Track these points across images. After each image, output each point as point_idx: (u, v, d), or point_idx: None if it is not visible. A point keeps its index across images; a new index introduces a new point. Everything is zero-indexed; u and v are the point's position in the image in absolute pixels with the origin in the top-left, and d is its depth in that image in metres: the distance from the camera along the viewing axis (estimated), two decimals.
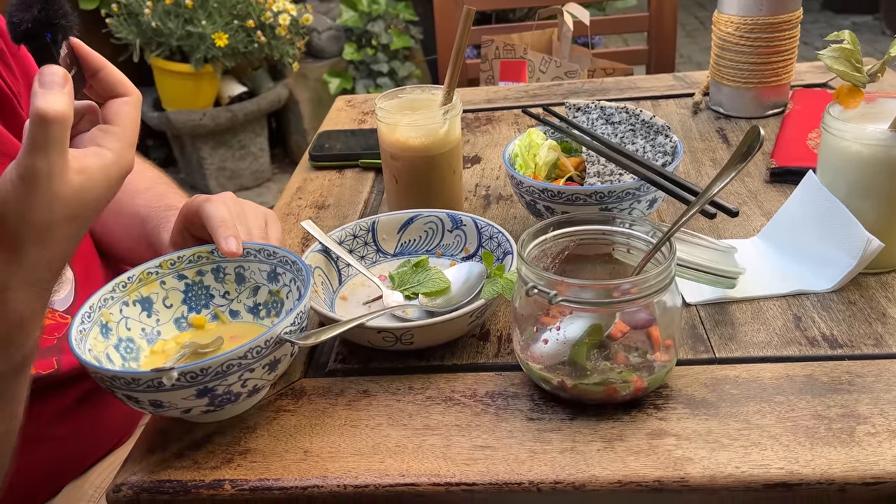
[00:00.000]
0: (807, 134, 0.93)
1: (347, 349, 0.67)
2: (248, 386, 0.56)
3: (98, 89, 0.56)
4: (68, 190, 0.51)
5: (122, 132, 0.55)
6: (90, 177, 0.52)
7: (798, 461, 0.51)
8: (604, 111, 0.83)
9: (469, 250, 0.74)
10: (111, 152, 0.54)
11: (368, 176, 1.00)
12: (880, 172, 0.66)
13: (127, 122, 0.55)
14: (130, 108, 0.56)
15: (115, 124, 0.55)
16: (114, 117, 0.55)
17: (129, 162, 0.55)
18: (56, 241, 0.52)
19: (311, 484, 0.54)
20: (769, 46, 1.00)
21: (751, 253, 0.74)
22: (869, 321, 0.64)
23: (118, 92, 0.56)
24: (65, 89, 0.50)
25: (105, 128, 0.55)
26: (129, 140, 0.55)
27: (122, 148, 0.54)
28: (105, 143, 0.54)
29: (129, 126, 0.56)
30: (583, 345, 0.56)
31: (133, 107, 0.56)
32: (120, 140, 0.55)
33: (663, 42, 1.62)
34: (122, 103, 0.56)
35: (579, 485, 0.52)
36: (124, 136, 0.55)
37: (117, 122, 0.55)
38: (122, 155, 0.54)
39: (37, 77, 0.50)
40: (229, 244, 0.63)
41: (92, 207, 0.53)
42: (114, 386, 0.54)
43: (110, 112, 0.56)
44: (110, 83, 0.56)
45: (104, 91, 0.56)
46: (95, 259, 0.87)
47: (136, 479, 0.55)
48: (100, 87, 0.56)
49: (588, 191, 0.71)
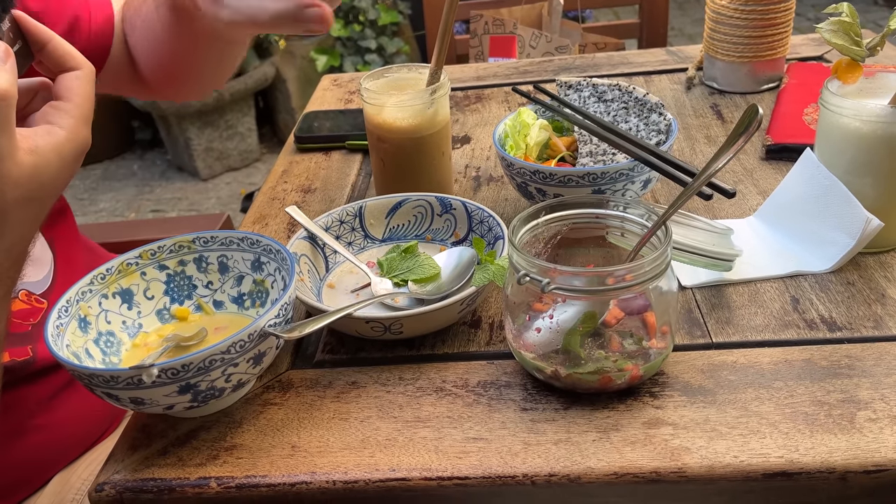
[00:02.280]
0: (803, 109, 0.91)
1: (336, 339, 0.65)
2: (232, 380, 0.54)
3: (47, 64, 0.54)
4: (19, 171, 0.48)
5: (73, 108, 0.52)
6: (42, 156, 0.50)
7: (798, 449, 0.50)
8: (596, 89, 0.81)
9: (459, 235, 0.73)
10: (64, 130, 0.51)
11: (356, 158, 0.98)
12: (880, 150, 0.64)
13: (79, 96, 0.53)
14: (82, 81, 0.53)
15: (67, 100, 0.52)
16: (65, 92, 0.53)
17: (83, 138, 0.52)
18: (12, 226, 0.50)
19: (300, 480, 0.52)
20: (764, 19, 0.97)
21: (747, 233, 0.72)
22: (868, 302, 0.63)
23: (68, 66, 0.53)
24: (6, 65, 0.48)
25: (56, 104, 0.52)
26: (83, 115, 0.53)
27: (76, 124, 0.52)
28: (57, 119, 0.51)
29: (82, 101, 0.53)
30: (576, 333, 0.55)
31: (85, 80, 0.53)
32: (72, 116, 0.52)
33: (655, 15, 1.59)
34: (74, 77, 0.53)
35: (574, 477, 0.50)
36: (77, 111, 0.52)
37: (69, 98, 0.52)
38: (76, 132, 0.52)
39: None
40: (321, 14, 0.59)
41: (48, 188, 0.51)
42: (92, 384, 0.52)
43: (61, 87, 0.53)
44: (59, 57, 0.53)
45: (53, 65, 0.53)
46: (77, 240, 0.85)
47: (118, 477, 0.54)
48: (49, 62, 0.53)
49: (580, 172, 0.69)
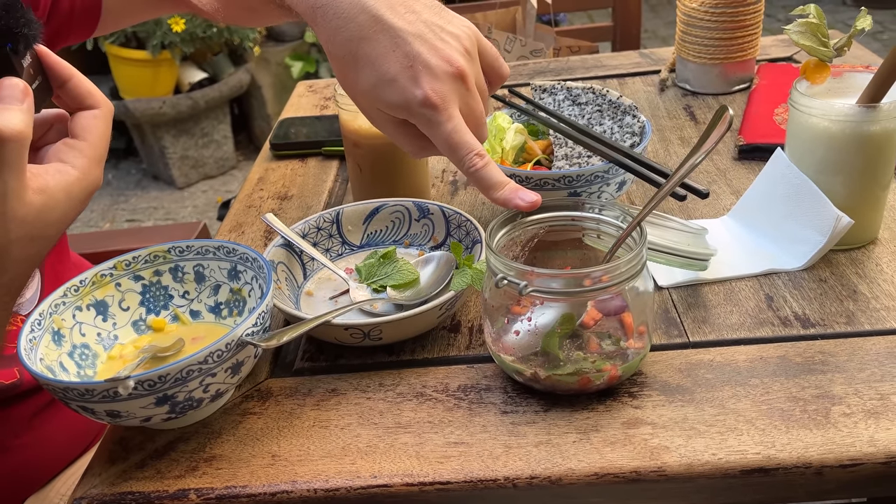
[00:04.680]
0: (773, 109, 0.93)
1: (315, 346, 0.65)
2: (210, 391, 0.53)
3: (66, 100, 0.53)
4: (26, 211, 0.48)
5: (87, 147, 0.51)
6: (51, 196, 0.49)
7: (774, 445, 0.51)
8: (570, 92, 0.81)
9: (437, 239, 0.73)
10: (76, 170, 0.50)
11: (332, 164, 0.97)
12: (849, 148, 0.65)
13: (95, 136, 0.52)
14: (99, 121, 0.52)
15: (82, 139, 0.52)
16: (81, 131, 0.52)
17: (95, 179, 0.52)
18: (13, 264, 0.49)
19: (280, 489, 0.52)
20: (734, 21, 0.98)
21: (721, 233, 0.73)
22: (840, 299, 0.64)
23: (87, 104, 0.53)
24: (23, 105, 0.47)
25: (71, 142, 0.52)
26: (96, 156, 0.52)
27: (88, 165, 0.51)
28: (69, 158, 0.51)
29: (97, 141, 0.52)
30: (555, 335, 0.55)
31: (102, 120, 0.53)
32: (85, 156, 0.51)
33: (628, 17, 1.60)
34: (91, 116, 0.52)
35: (556, 479, 0.51)
36: (90, 151, 0.51)
37: (84, 137, 0.52)
38: (88, 172, 0.51)
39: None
40: (527, 199, 0.58)
41: (54, 227, 0.50)
42: (67, 397, 0.51)
43: (77, 125, 0.52)
44: (79, 94, 0.52)
45: (72, 102, 0.53)
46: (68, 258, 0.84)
47: (95, 492, 0.53)
48: (68, 98, 0.53)
49: (556, 175, 0.70)
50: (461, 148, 0.57)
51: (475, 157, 0.57)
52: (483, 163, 0.57)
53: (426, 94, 0.56)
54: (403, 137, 0.61)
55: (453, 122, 0.57)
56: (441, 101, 0.56)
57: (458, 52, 0.57)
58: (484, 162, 0.58)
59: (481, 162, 0.57)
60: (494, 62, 0.62)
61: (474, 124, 0.59)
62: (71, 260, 0.85)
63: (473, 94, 0.59)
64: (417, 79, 0.56)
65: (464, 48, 0.58)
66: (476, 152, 0.57)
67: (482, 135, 0.61)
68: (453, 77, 0.57)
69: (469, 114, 0.59)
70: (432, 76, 0.56)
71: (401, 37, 0.57)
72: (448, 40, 0.58)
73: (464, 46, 0.58)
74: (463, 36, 0.59)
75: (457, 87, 0.57)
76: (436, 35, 0.57)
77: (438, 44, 0.57)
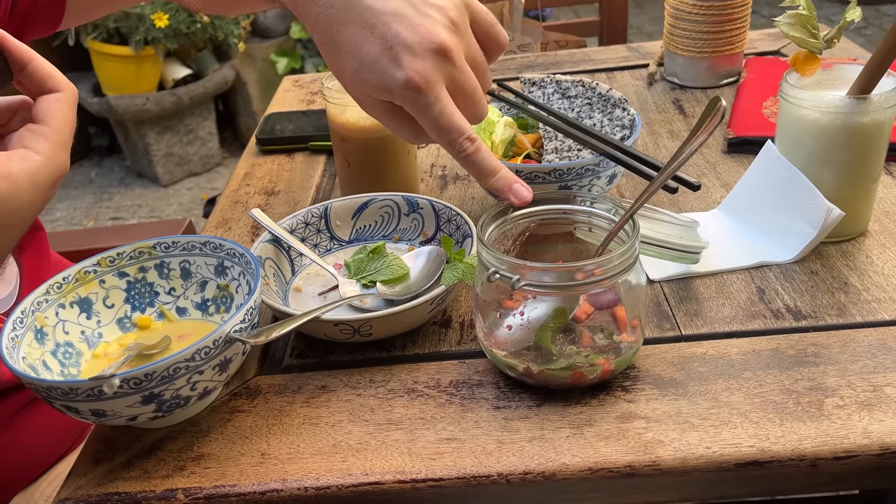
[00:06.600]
0: (762, 102, 0.93)
1: (304, 343, 0.64)
2: (197, 389, 0.52)
3: (27, 84, 0.51)
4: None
5: (51, 132, 0.50)
6: (14, 183, 0.48)
7: (768, 438, 0.50)
8: (559, 85, 0.81)
9: (427, 234, 0.72)
10: (39, 155, 0.49)
11: (319, 159, 0.96)
12: (839, 140, 0.65)
13: (58, 121, 0.50)
14: (62, 104, 0.51)
15: (45, 123, 0.50)
16: (44, 116, 0.50)
17: (60, 164, 0.50)
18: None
19: (270, 488, 0.51)
20: (722, 15, 0.98)
21: (712, 226, 0.73)
22: (832, 291, 0.63)
23: (49, 87, 0.51)
24: None
25: (34, 128, 0.50)
26: (61, 141, 0.50)
27: (52, 150, 0.50)
28: (33, 144, 0.49)
29: (60, 126, 0.50)
30: (547, 329, 0.54)
31: (65, 103, 0.51)
32: (49, 141, 0.50)
33: (614, 13, 1.60)
34: (54, 100, 0.51)
35: (549, 474, 0.50)
36: (54, 136, 0.50)
37: (47, 122, 0.50)
38: (53, 157, 0.50)
39: None
40: (519, 195, 0.56)
41: (20, 215, 0.49)
42: (51, 396, 0.50)
43: (40, 110, 0.51)
44: (40, 78, 0.51)
45: (33, 86, 0.51)
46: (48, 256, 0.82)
47: (81, 493, 0.52)
48: (28, 83, 0.51)
49: (546, 168, 0.69)
50: (450, 131, 0.54)
51: (465, 141, 0.54)
52: (474, 147, 0.55)
53: (408, 75, 0.52)
54: (395, 123, 0.57)
55: (440, 103, 0.53)
56: (424, 82, 0.53)
57: (441, 26, 0.53)
58: (475, 147, 0.55)
59: (472, 147, 0.55)
60: (490, 29, 0.58)
61: (469, 101, 0.56)
62: (51, 258, 0.83)
63: (462, 68, 0.55)
64: (398, 60, 0.53)
65: (449, 20, 0.54)
66: (466, 136, 0.54)
67: (481, 111, 0.57)
68: (435, 53, 0.53)
69: (458, 90, 0.55)
70: (413, 55, 0.52)
71: (377, 17, 0.53)
72: (430, 13, 0.54)
73: (449, 18, 0.54)
74: (448, 6, 0.54)
75: (441, 65, 0.53)
76: (416, 10, 0.54)
77: (418, 19, 0.53)
